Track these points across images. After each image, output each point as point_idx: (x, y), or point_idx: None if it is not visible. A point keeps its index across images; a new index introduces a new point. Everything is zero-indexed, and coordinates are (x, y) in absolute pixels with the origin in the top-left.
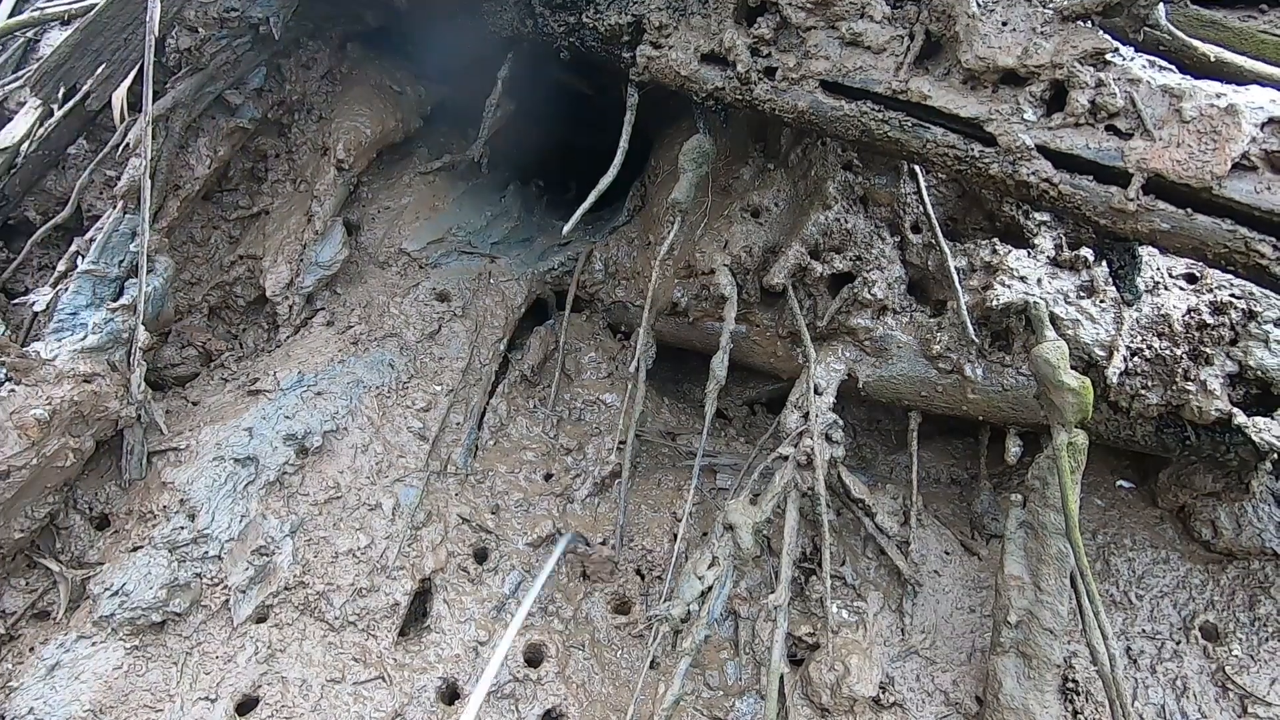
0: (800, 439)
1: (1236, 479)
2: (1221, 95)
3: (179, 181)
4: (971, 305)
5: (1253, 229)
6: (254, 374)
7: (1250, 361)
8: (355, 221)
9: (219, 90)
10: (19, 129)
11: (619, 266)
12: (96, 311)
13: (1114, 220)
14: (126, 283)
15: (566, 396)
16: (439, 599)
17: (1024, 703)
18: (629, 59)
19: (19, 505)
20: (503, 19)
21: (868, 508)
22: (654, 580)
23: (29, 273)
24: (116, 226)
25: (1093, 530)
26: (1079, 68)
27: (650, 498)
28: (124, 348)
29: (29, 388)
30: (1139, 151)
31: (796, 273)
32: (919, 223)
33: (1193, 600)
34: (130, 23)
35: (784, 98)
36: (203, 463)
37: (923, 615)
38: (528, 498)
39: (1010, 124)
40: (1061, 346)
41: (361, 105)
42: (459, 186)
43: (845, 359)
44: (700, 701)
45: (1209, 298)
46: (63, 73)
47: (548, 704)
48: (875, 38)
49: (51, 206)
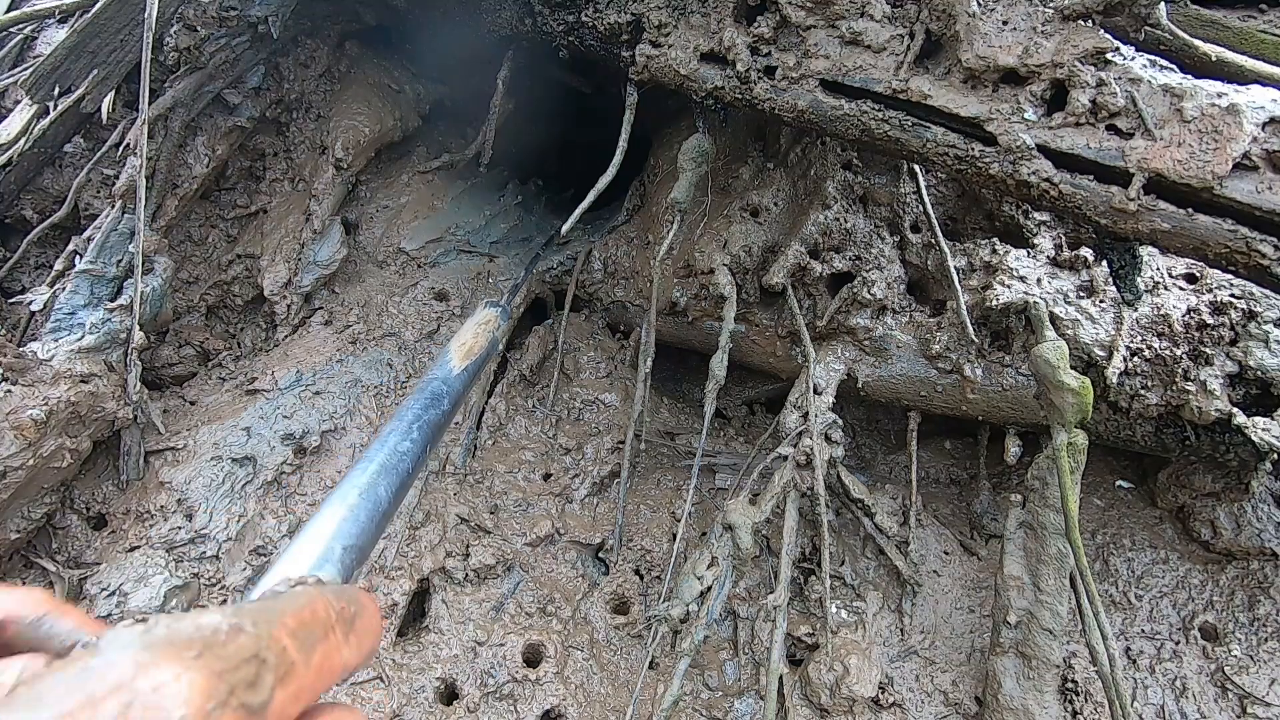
0: (799, 439)
1: (1236, 479)
2: (1223, 95)
3: (177, 180)
4: (971, 305)
5: (1254, 229)
6: (252, 373)
7: (1250, 361)
8: (353, 220)
9: (217, 89)
10: (14, 126)
11: (618, 266)
12: (94, 311)
13: (1115, 220)
14: (125, 282)
15: (565, 396)
16: (437, 599)
17: (1023, 703)
18: (628, 58)
19: (15, 506)
20: (501, 18)
21: (867, 508)
22: (653, 580)
23: (25, 272)
24: (115, 226)
25: (1092, 530)
26: (1080, 67)
27: (649, 498)
28: (122, 348)
29: (25, 388)
30: (1140, 151)
31: (796, 272)
32: (919, 222)
33: (1192, 600)
34: (127, 24)
35: (784, 97)
36: (200, 462)
37: (922, 615)
38: (526, 497)
39: (1011, 123)
40: (1061, 346)
41: (360, 104)
42: (457, 185)
43: (844, 359)
44: (699, 702)
45: (1209, 298)
46: (58, 75)
47: (546, 704)
48: (875, 37)
49: (48, 205)
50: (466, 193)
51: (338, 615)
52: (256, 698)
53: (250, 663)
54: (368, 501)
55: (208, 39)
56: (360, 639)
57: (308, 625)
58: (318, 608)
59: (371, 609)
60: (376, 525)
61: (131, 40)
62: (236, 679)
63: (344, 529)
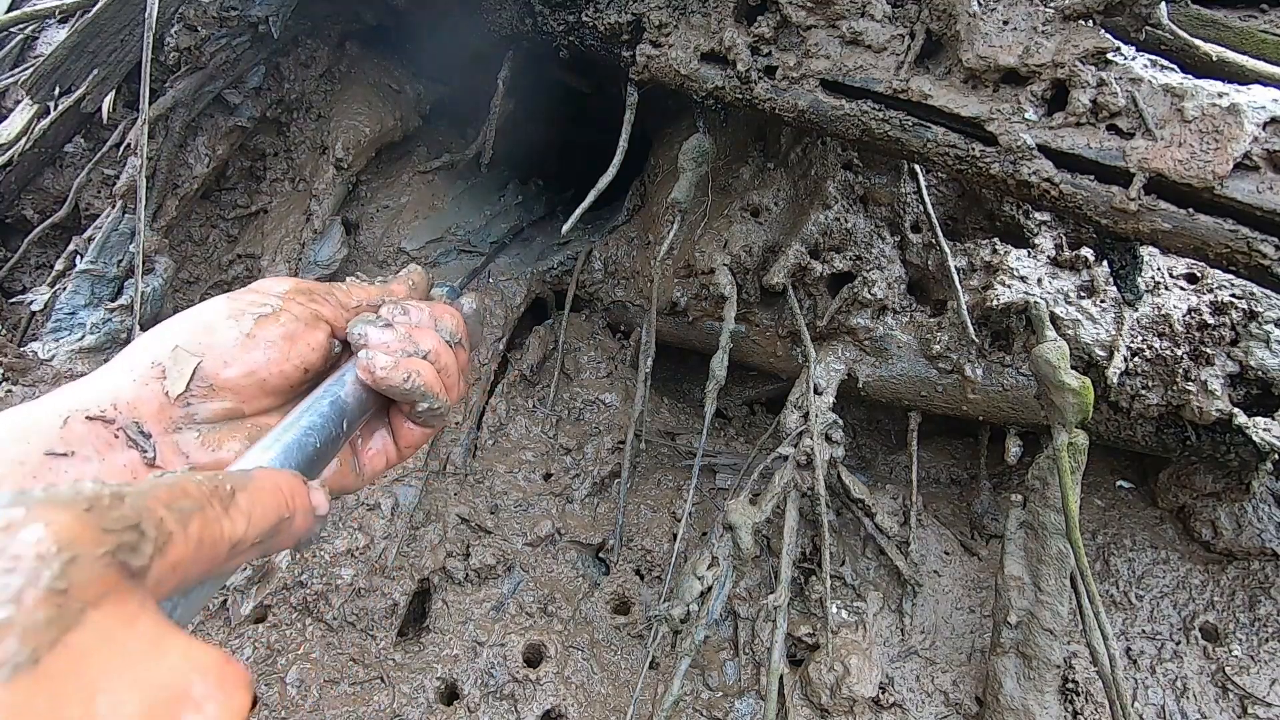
0: (800, 439)
1: (1237, 479)
2: (1223, 95)
3: (177, 180)
4: (972, 305)
5: (1255, 229)
6: None
7: (1251, 362)
8: (354, 220)
9: (218, 89)
10: (15, 126)
11: (618, 266)
12: (95, 311)
13: (1115, 220)
14: (125, 283)
15: (566, 396)
16: (438, 599)
17: (1024, 703)
18: (629, 58)
19: None
20: (501, 17)
21: (867, 508)
22: (653, 580)
23: (26, 271)
24: (115, 226)
25: (1092, 530)
26: (1081, 67)
27: (650, 498)
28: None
29: (26, 388)
30: (1140, 151)
31: (796, 272)
32: (919, 222)
33: (1193, 601)
34: (128, 24)
35: (784, 97)
36: None
37: (922, 615)
38: (527, 497)
39: (1011, 123)
40: (1062, 346)
41: (360, 104)
42: (458, 185)
43: (845, 359)
44: (699, 702)
45: (1210, 298)
46: (59, 75)
47: (547, 704)
48: (876, 37)
49: (49, 205)
50: (467, 193)
51: (211, 491)
52: (137, 561)
53: (131, 530)
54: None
55: (208, 39)
56: (245, 512)
57: (179, 500)
58: (187, 486)
59: (262, 482)
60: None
61: (132, 40)
62: (120, 540)
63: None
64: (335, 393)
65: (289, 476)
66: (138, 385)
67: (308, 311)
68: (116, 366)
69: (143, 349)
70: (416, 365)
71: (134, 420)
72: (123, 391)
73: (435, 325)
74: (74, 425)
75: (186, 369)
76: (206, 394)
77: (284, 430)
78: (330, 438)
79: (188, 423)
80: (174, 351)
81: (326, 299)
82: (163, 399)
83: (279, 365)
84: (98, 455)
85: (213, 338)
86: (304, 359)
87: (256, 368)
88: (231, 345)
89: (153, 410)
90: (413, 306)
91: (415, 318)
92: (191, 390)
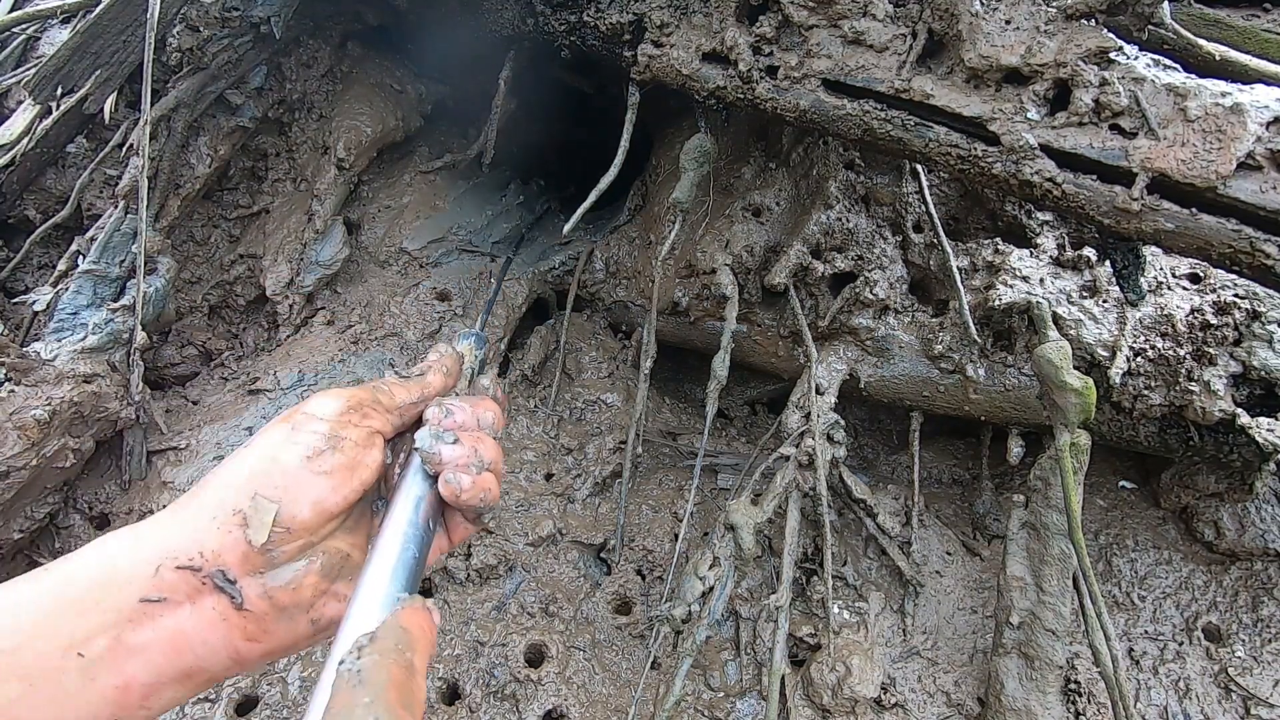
0: (802, 439)
1: (1240, 480)
2: (1226, 94)
3: (179, 181)
4: (974, 305)
5: (1258, 229)
6: (254, 373)
7: (1254, 362)
8: (355, 220)
9: (220, 89)
10: (17, 126)
11: (620, 266)
12: (97, 311)
13: (1118, 220)
14: (127, 283)
15: (567, 396)
16: (439, 599)
17: (1026, 704)
18: (630, 58)
19: (19, 505)
20: (503, 17)
21: (869, 508)
22: (655, 580)
23: (28, 272)
24: (117, 226)
25: (1095, 531)
26: (1083, 66)
27: (651, 498)
28: (124, 348)
29: (29, 388)
30: (1143, 151)
31: (798, 272)
32: (921, 222)
33: (1195, 601)
34: (130, 24)
35: (786, 96)
36: (203, 462)
37: (924, 616)
38: (528, 498)
39: (1013, 123)
40: (1064, 347)
41: (362, 104)
42: (459, 185)
43: (847, 359)
44: (701, 702)
45: (1212, 298)
46: (61, 75)
47: (548, 704)
48: (878, 36)
49: (51, 205)
50: (468, 193)
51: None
52: None
53: None
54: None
55: (210, 39)
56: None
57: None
58: None
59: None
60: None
61: (134, 41)
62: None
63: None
64: (419, 505)
65: (429, 625)
66: (221, 534)
67: (363, 433)
68: (198, 510)
69: (221, 489)
70: (488, 484)
71: (219, 569)
72: (207, 540)
73: (478, 422)
74: (164, 574)
75: (268, 518)
76: (284, 538)
77: (391, 553)
78: (425, 545)
79: (269, 566)
80: (254, 500)
81: (374, 410)
82: (245, 547)
83: (343, 493)
84: (189, 600)
85: (286, 479)
86: (364, 482)
87: (326, 503)
88: (302, 484)
89: (236, 558)
90: (456, 408)
91: (460, 418)
92: (271, 538)
